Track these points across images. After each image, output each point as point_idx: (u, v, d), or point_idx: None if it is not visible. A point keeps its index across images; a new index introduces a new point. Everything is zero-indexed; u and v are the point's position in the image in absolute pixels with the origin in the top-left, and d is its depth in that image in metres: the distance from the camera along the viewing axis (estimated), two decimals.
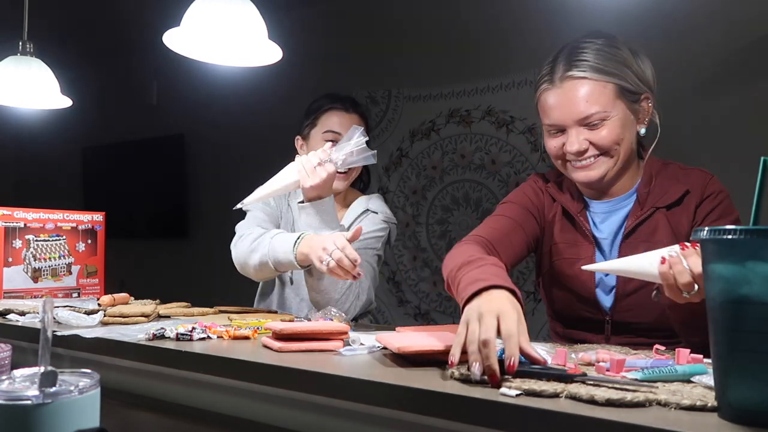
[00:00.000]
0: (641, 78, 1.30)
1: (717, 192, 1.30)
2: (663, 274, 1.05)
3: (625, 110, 1.28)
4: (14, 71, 1.94)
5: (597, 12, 2.92)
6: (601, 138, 1.27)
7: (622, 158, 1.30)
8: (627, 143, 1.29)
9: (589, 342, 1.34)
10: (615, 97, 1.26)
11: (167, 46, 1.51)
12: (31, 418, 0.65)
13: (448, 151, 3.60)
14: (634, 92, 1.28)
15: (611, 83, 1.26)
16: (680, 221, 1.29)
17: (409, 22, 3.71)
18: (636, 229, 1.31)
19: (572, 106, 1.27)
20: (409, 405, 0.83)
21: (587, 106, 1.26)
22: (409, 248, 3.73)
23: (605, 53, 1.27)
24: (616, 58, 1.28)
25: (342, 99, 1.81)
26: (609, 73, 1.26)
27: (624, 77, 1.27)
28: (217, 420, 1.10)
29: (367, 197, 1.86)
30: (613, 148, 1.28)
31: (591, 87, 1.26)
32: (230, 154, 4.46)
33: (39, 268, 1.83)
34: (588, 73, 1.26)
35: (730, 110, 2.73)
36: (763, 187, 0.69)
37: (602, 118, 1.26)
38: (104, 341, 1.21)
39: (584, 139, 1.28)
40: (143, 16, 3.84)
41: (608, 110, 1.26)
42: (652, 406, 0.73)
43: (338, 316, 1.39)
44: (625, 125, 1.28)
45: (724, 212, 1.28)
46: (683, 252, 1.04)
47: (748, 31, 2.71)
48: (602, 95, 1.26)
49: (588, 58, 1.27)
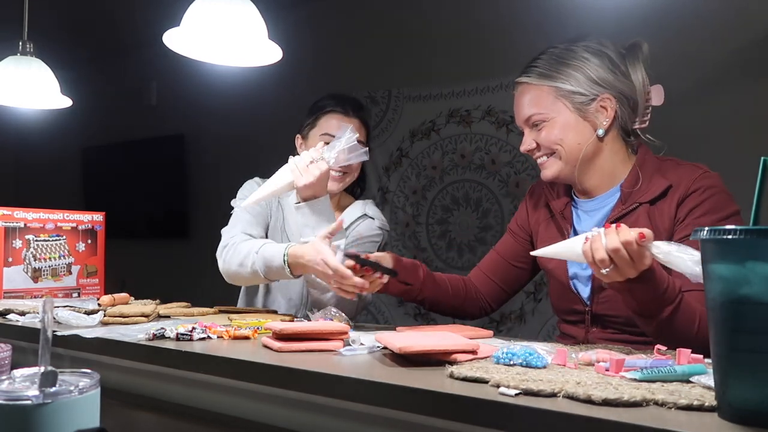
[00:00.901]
0: (603, 78, 1.33)
1: (706, 187, 1.27)
2: (584, 252, 1.10)
3: (568, 113, 1.33)
4: (14, 71, 1.94)
5: (597, 12, 2.92)
6: (542, 138, 1.36)
7: (571, 158, 1.35)
8: (571, 143, 1.34)
9: (573, 336, 1.39)
10: (555, 99, 1.33)
11: (167, 46, 1.51)
12: (31, 418, 0.65)
13: (448, 151, 3.60)
14: (582, 94, 1.32)
15: (550, 86, 1.34)
16: (662, 216, 1.29)
17: (410, 22, 3.71)
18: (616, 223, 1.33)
19: (518, 109, 1.39)
20: (409, 405, 0.83)
21: (527, 108, 1.37)
22: (409, 248, 3.73)
23: (555, 58, 1.35)
24: (564, 62, 1.33)
25: (344, 102, 1.78)
26: (549, 77, 1.34)
27: (567, 80, 1.33)
28: (217, 420, 1.10)
29: (363, 202, 1.86)
30: (555, 147, 1.35)
31: (531, 91, 1.36)
32: (230, 154, 4.46)
33: (39, 268, 1.83)
34: (530, 79, 1.36)
35: (730, 110, 2.73)
36: (763, 187, 0.69)
37: (541, 120, 1.35)
38: (104, 341, 1.21)
39: (532, 139, 1.38)
40: (143, 16, 3.84)
41: (546, 112, 1.34)
42: (649, 405, 0.73)
43: (338, 316, 1.39)
44: (566, 126, 1.34)
45: (713, 208, 1.25)
46: (604, 230, 1.08)
47: (749, 30, 2.71)
48: (540, 98, 1.35)
49: (537, 64, 1.36)
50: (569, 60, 1.33)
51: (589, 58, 1.33)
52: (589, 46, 1.34)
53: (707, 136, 2.76)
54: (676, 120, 2.88)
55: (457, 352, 0.97)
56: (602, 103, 1.33)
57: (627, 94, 1.34)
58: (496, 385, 0.81)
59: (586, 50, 1.34)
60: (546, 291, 2.37)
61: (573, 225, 1.43)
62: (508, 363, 0.94)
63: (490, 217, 3.41)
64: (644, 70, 1.37)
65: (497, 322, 3.34)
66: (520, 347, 0.96)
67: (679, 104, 2.86)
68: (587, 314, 1.37)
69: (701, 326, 1.11)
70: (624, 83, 1.34)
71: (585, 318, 1.38)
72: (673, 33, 2.84)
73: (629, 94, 1.34)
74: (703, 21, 2.79)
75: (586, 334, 1.38)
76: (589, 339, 1.36)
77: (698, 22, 2.80)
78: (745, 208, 0.73)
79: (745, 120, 2.69)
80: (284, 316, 1.54)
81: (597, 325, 1.36)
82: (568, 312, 1.43)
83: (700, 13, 2.78)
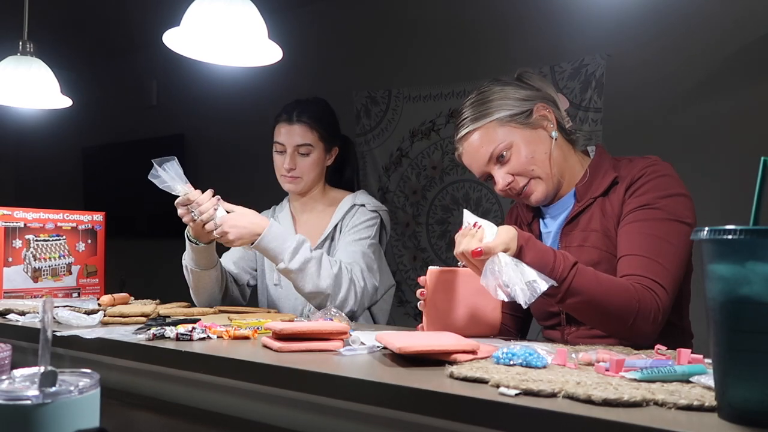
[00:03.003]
0: (524, 94, 1.39)
1: (650, 173, 1.31)
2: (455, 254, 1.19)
3: (521, 131, 1.37)
4: (14, 71, 1.94)
5: (597, 12, 2.92)
6: (514, 165, 1.37)
7: (549, 171, 1.38)
8: (540, 156, 1.37)
9: (554, 340, 1.41)
10: (501, 127, 1.37)
11: (167, 46, 1.51)
12: (31, 418, 0.65)
13: (448, 151, 3.60)
14: (520, 113, 1.37)
15: (491, 120, 1.37)
16: (612, 204, 1.35)
17: (410, 21, 3.71)
18: (574, 219, 1.39)
19: (476, 157, 1.40)
20: (409, 405, 0.83)
21: (485, 150, 1.38)
22: (409, 248, 3.74)
23: (475, 102, 1.40)
24: (486, 99, 1.39)
25: (289, 109, 1.87)
26: (484, 114, 1.38)
27: (500, 108, 1.37)
28: (217, 420, 1.10)
29: (353, 194, 1.90)
30: (530, 168, 1.37)
31: (478, 134, 1.38)
32: (230, 154, 4.46)
33: (39, 268, 1.83)
34: (470, 127, 1.39)
35: (730, 110, 2.73)
36: (763, 187, 0.69)
37: (504, 149, 1.37)
38: (104, 341, 1.21)
39: (505, 173, 1.38)
40: (143, 16, 3.84)
41: (502, 140, 1.36)
42: (649, 405, 0.73)
43: (338, 316, 1.39)
44: (528, 142, 1.37)
45: (654, 188, 1.29)
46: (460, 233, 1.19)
47: (749, 31, 2.71)
48: (489, 134, 1.37)
49: (466, 115, 1.41)
50: (489, 96, 1.40)
51: (502, 87, 1.41)
52: (493, 83, 1.42)
53: (707, 136, 2.76)
54: (677, 120, 2.89)
55: (457, 352, 0.97)
56: (539, 111, 1.38)
57: (550, 98, 1.42)
58: (496, 385, 0.81)
59: (494, 85, 1.42)
60: None
61: (541, 234, 1.47)
62: (508, 363, 0.94)
63: (490, 217, 3.41)
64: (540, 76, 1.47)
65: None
66: (520, 347, 0.96)
67: (680, 104, 2.87)
68: (562, 314, 1.40)
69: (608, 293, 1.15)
70: (542, 92, 1.42)
71: (561, 319, 1.40)
72: (674, 33, 2.84)
73: (547, 96, 1.42)
74: (704, 21, 2.79)
75: (564, 336, 1.40)
76: (567, 340, 1.38)
77: (699, 23, 2.80)
78: (746, 208, 0.73)
79: (745, 120, 2.69)
80: (284, 316, 1.54)
81: (572, 324, 1.38)
82: (546, 317, 1.45)
83: (701, 13, 2.78)
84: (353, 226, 1.82)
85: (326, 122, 1.89)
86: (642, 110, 2.91)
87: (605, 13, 2.89)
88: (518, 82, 1.43)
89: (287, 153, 1.84)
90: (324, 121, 1.88)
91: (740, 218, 1.33)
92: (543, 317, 1.47)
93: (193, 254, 1.73)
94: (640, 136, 2.86)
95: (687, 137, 2.79)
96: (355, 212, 1.85)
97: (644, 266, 1.21)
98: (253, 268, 1.98)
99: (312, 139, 1.85)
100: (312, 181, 1.89)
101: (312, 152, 1.85)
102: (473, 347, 0.99)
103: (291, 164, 1.84)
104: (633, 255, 1.24)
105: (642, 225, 1.26)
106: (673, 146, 2.75)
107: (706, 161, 2.69)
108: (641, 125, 2.89)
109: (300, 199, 1.95)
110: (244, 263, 1.96)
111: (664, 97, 2.87)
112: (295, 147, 1.84)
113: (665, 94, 2.87)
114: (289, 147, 1.84)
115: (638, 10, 2.82)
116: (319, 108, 1.89)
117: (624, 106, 2.97)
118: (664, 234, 1.23)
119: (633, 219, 1.28)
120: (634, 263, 1.23)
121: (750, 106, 2.69)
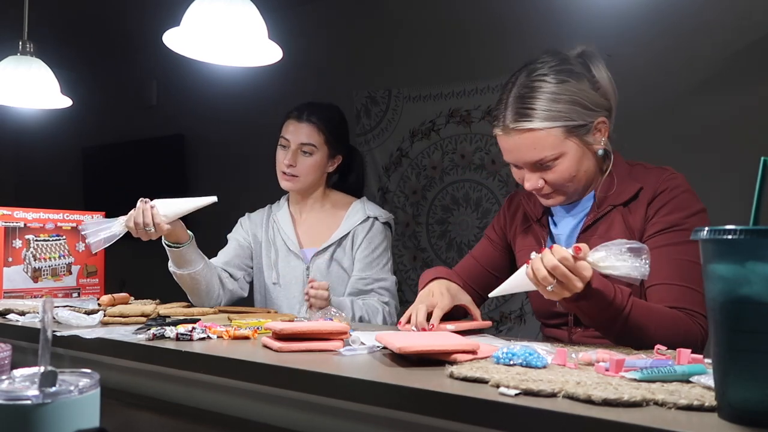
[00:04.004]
0: (595, 102, 1.31)
1: (671, 188, 1.31)
2: (527, 275, 1.12)
3: (577, 146, 1.31)
4: (14, 71, 1.94)
5: (597, 12, 2.92)
6: (552, 178, 1.32)
7: (579, 187, 1.36)
8: (581, 174, 1.34)
9: (557, 339, 1.41)
10: (564, 138, 1.29)
11: (167, 46, 1.51)
12: (31, 418, 0.65)
13: (448, 151, 3.60)
14: (583, 125, 1.30)
15: (558, 127, 1.28)
16: (635, 217, 1.33)
17: (409, 22, 3.71)
18: (592, 225, 1.37)
19: (522, 153, 1.31)
20: (409, 405, 0.83)
21: (536, 153, 1.29)
22: (409, 248, 3.73)
23: (554, 96, 1.28)
24: (564, 98, 1.28)
25: (301, 108, 1.90)
26: (555, 117, 1.27)
27: (572, 117, 1.28)
28: (217, 420, 1.10)
29: (360, 202, 1.91)
30: (567, 185, 1.33)
31: (538, 136, 1.28)
32: (230, 154, 4.46)
33: (39, 268, 1.83)
34: (534, 123, 1.28)
35: (730, 110, 2.73)
36: (763, 187, 0.69)
37: (553, 159, 1.30)
38: (104, 341, 1.21)
39: (539, 177, 1.33)
40: (143, 16, 3.84)
41: (557, 152, 1.29)
42: (649, 405, 0.73)
43: (338, 316, 1.39)
44: (578, 160, 1.32)
45: (678, 206, 1.29)
46: (541, 252, 1.10)
47: (750, 31, 2.71)
48: (549, 140, 1.28)
49: (535, 106, 1.28)
50: (563, 93, 1.29)
51: (577, 83, 1.30)
52: (560, 69, 1.31)
53: (707, 136, 2.76)
54: (677, 120, 2.89)
55: (457, 352, 0.97)
56: (598, 127, 1.33)
57: (609, 107, 1.35)
58: (496, 385, 0.81)
59: (570, 77, 1.30)
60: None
61: (550, 232, 1.45)
62: (508, 363, 0.94)
63: (490, 217, 3.41)
64: (605, 66, 1.37)
65: (497, 322, 3.34)
66: (520, 347, 0.96)
67: (680, 105, 2.87)
68: (570, 315, 1.39)
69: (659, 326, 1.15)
70: (602, 94, 1.34)
71: (568, 320, 1.40)
72: (674, 34, 2.84)
73: (610, 105, 1.35)
74: (704, 21, 2.79)
75: (570, 336, 1.40)
76: (573, 340, 1.38)
77: (699, 23, 2.80)
78: (746, 208, 0.73)
79: (745, 120, 2.69)
80: (284, 316, 1.54)
81: (579, 325, 1.38)
82: (551, 316, 1.44)
83: (701, 13, 2.78)
84: (374, 248, 1.87)
85: (334, 127, 1.90)
86: (642, 110, 2.90)
87: (605, 13, 2.89)
88: (590, 75, 1.33)
89: (290, 149, 1.86)
90: (332, 125, 1.89)
91: (740, 218, 1.32)
92: (546, 316, 1.46)
93: (173, 257, 1.76)
94: (640, 137, 2.85)
95: (687, 137, 2.79)
96: (371, 226, 1.87)
97: (685, 296, 1.22)
98: (249, 266, 1.98)
99: (317, 140, 1.86)
100: (309, 184, 1.90)
101: (315, 153, 1.86)
102: (473, 347, 0.99)
103: (291, 160, 1.85)
104: (672, 284, 1.23)
105: (673, 250, 1.25)
106: (673, 146, 2.75)
107: (706, 161, 2.69)
108: (641, 125, 2.89)
109: (300, 200, 1.95)
110: (239, 260, 1.95)
111: (665, 97, 2.87)
112: (299, 145, 1.86)
113: (666, 95, 2.87)
114: (293, 144, 1.86)
115: (639, 10, 2.82)
116: (330, 112, 1.91)
117: (624, 106, 2.96)
118: (695, 257, 1.22)
119: (663, 242, 1.27)
120: (673, 293, 1.23)
121: (750, 107, 2.69)
